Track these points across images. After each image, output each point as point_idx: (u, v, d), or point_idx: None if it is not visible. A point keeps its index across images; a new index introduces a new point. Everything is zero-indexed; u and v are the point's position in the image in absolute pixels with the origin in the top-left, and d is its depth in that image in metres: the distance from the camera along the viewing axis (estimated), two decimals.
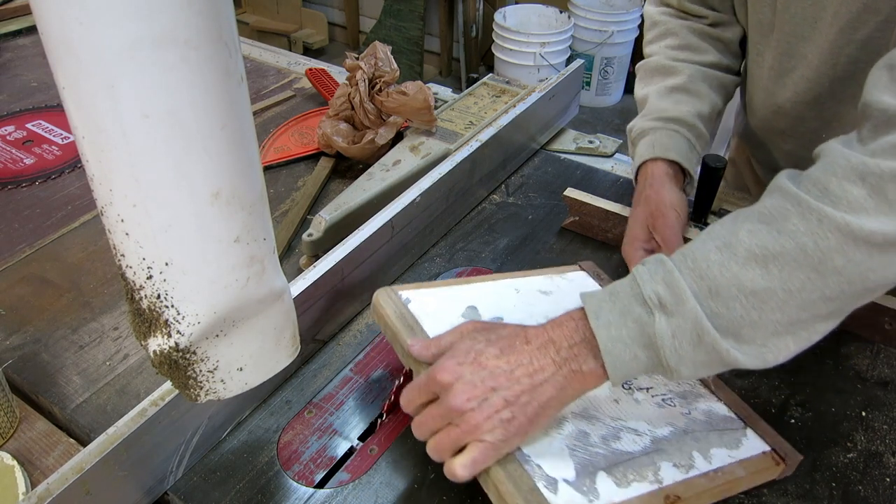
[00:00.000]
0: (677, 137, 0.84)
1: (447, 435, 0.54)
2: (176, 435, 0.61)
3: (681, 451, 0.61)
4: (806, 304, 0.51)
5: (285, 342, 0.58)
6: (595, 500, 0.55)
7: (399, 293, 0.70)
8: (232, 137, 0.44)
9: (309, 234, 0.87)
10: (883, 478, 0.64)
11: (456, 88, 1.43)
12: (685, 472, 0.59)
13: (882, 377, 0.74)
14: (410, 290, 0.71)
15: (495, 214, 0.99)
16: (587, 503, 0.55)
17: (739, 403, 0.68)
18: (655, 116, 0.86)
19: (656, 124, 0.85)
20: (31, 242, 0.93)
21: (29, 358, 0.77)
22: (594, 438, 0.61)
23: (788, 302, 0.51)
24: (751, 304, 0.51)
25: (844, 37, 0.72)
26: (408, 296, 0.70)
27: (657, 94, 0.88)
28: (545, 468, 0.56)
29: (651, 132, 0.85)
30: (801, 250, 0.50)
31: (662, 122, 0.85)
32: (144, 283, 0.47)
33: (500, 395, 0.53)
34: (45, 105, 1.26)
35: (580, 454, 0.59)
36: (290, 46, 3.79)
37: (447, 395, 0.54)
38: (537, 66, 3.06)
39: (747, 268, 0.51)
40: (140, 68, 0.39)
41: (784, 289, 0.51)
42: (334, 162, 1.08)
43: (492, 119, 1.08)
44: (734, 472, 0.60)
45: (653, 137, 0.85)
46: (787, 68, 0.80)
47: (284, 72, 1.39)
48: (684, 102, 0.86)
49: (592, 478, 0.57)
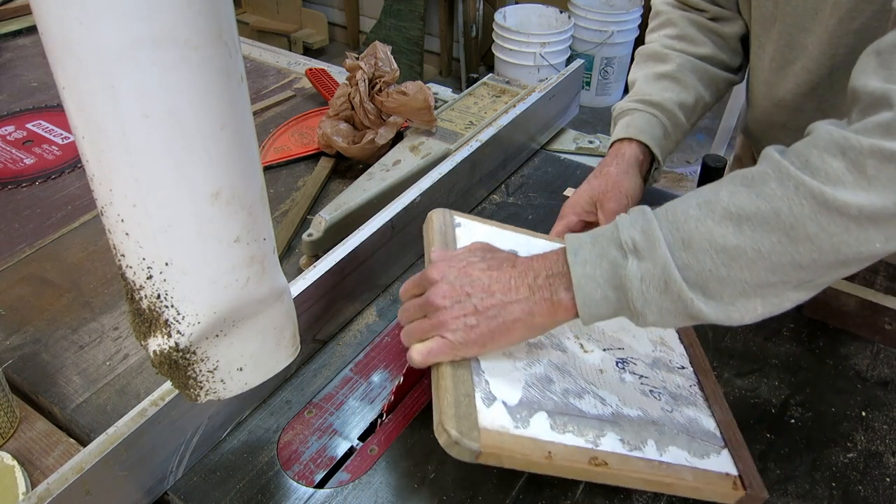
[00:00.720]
0: (654, 122, 0.87)
1: (419, 325, 0.61)
2: (176, 435, 0.61)
3: (637, 433, 0.61)
4: (776, 267, 0.52)
5: (285, 342, 0.58)
6: (522, 428, 0.56)
7: (454, 216, 0.74)
8: (232, 137, 0.44)
9: (309, 234, 0.87)
10: (883, 478, 0.64)
11: (456, 88, 1.43)
12: (628, 450, 0.59)
13: (882, 377, 0.74)
14: (465, 218, 0.74)
15: (495, 214, 0.99)
16: (513, 427, 0.56)
17: (731, 426, 0.66)
18: (638, 99, 0.89)
19: (637, 106, 0.88)
20: (31, 242, 0.93)
21: (29, 358, 0.77)
22: (556, 387, 0.61)
23: (757, 262, 0.52)
24: (721, 259, 0.52)
25: (843, 27, 0.73)
26: (460, 220, 0.73)
27: (645, 79, 0.91)
28: (491, 385, 0.58)
29: (630, 113, 0.88)
30: (774, 213, 0.51)
31: (643, 104, 0.88)
32: (144, 283, 0.47)
33: (472, 301, 0.58)
34: (45, 105, 1.26)
35: (533, 391, 0.60)
36: (290, 46, 3.79)
37: (430, 290, 0.60)
38: (537, 66, 3.06)
39: (721, 225, 0.52)
40: (140, 68, 0.39)
41: (754, 248, 0.52)
42: (334, 162, 1.08)
43: (492, 119, 1.08)
44: (680, 473, 0.59)
45: (630, 118, 0.87)
46: (789, 60, 0.81)
47: (284, 72, 1.39)
48: (669, 90, 0.88)
49: (531, 412, 0.58)
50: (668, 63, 0.90)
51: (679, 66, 0.89)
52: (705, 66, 0.90)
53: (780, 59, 0.82)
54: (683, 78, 0.89)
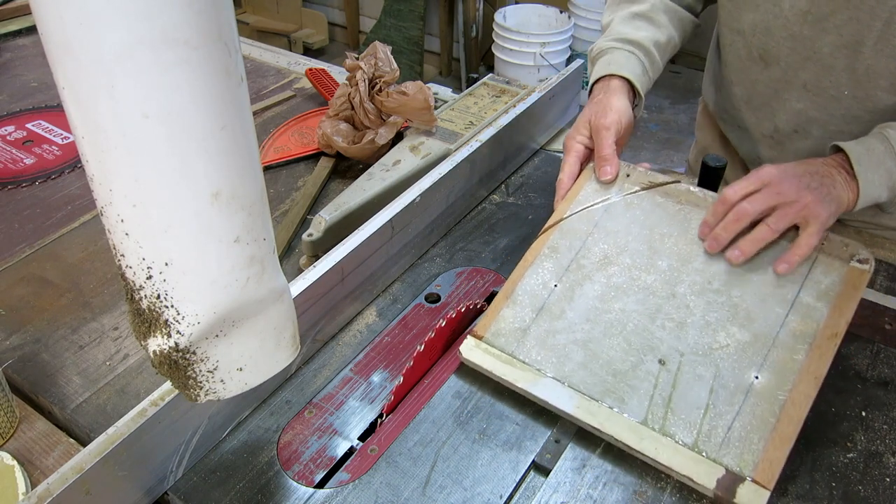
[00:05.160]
0: (633, 58, 0.90)
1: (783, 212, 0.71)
2: (176, 435, 0.61)
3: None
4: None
5: (285, 342, 0.58)
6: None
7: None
8: (232, 137, 0.44)
9: (309, 234, 0.87)
10: (883, 478, 0.64)
11: (456, 88, 1.43)
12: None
13: (882, 377, 0.74)
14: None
15: (495, 214, 0.99)
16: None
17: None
18: (615, 38, 0.92)
19: (615, 44, 0.91)
20: (31, 242, 0.93)
21: (29, 358, 0.77)
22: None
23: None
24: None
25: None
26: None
27: (621, 20, 0.95)
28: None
29: (609, 52, 0.92)
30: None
31: (621, 42, 0.91)
32: (144, 283, 0.47)
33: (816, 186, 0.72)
34: (45, 105, 1.26)
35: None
36: (290, 46, 3.79)
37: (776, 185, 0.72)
38: (537, 66, 3.06)
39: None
40: (140, 68, 0.39)
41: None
42: (334, 162, 1.08)
43: (492, 119, 1.08)
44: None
45: (610, 56, 0.91)
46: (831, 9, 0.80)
47: (284, 72, 1.39)
48: (644, 29, 0.93)
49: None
50: (642, 3, 0.95)
51: (652, 6, 0.94)
52: (675, 7, 0.96)
53: (818, 12, 0.81)
54: (657, 18, 0.94)
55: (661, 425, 0.65)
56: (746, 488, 0.60)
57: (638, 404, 0.66)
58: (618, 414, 0.66)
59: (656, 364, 0.68)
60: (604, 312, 0.72)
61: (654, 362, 0.68)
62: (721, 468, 0.61)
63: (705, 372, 0.67)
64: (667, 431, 0.64)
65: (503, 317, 0.74)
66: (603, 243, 0.78)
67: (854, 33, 0.79)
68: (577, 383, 0.68)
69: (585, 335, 0.71)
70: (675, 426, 0.64)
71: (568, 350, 0.71)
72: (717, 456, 0.62)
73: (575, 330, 0.72)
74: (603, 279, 0.75)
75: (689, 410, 0.65)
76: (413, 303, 0.83)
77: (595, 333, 0.71)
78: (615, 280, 0.74)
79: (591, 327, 0.72)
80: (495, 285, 0.86)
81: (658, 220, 0.78)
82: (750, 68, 0.92)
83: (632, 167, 0.82)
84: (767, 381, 0.66)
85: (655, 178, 0.81)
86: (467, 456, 0.66)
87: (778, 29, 0.85)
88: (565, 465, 0.65)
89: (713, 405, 0.65)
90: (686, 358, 0.68)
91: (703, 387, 0.66)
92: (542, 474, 0.65)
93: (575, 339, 0.71)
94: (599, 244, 0.78)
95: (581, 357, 0.70)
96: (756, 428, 0.63)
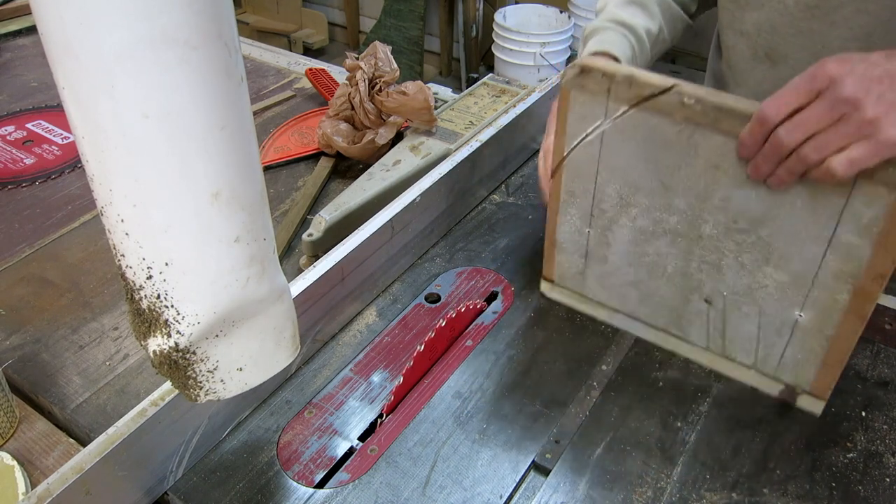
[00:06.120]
0: (624, 41, 0.91)
1: (834, 131, 0.53)
2: (176, 435, 0.61)
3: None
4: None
5: (285, 342, 0.58)
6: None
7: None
8: (232, 137, 0.44)
9: (309, 234, 0.87)
10: (883, 478, 0.64)
11: (456, 88, 1.43)
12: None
13: (882, 377, 0.74)
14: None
15: (495, 214, 0.99)
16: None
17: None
18: (609, 19, 0.93)
19: (608, 24, 0.92)
20: (31, 242, 0.93)
21: (29, 358, 0.77)
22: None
23: None
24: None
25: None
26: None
27: (616, 4, 0.95)
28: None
29: (602, 31, 0.92)
30: None
31: (615, 23, 0.92)
32: (144, 283, 0.47)
33: (886, 103, 0.51)
34: (45, 105, 1.26)
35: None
36: (290, 46, 3.78)
37: (834, 88, 0.52)
38: (537, 66, 3.06)
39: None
40: (140, 68, 0.39)
41: None
42: (334, 162, 1.08)
43: (492, 119, 1.08)
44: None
45: (603, 35, 0.91)
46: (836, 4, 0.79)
47: (284, 72, 1.39)
48: (638, 15, 0.93)
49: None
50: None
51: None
52: (669, 2, 0.96)
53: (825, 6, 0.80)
54: (651, 7, 0.94)
55: (721, 351, 0.73)
56: (805, 399, 0.70)
57: (697, 335, 0.74)
58: (685, 341, 0.75)
59: (703, 303, 0.72)
60: (641, 255, 0.74)
61: (700, 302, 0.72)
62: (781, 384, 0.71)
63: (750, 311, 0.69)
64: (728, 356, 0.73)
65: (560, 263, 0.80)
66: (614, 183, 0.72)
67: (863, 25, 0.78)
68: (643, 317, 0.77)
69: (633, 277, 0.75)
70: (734, 352, 0.73)
71: (624, 290, 0.77)
72: (776, 375, 0.71)
73: (622, 273, 0.76)
74: (628, 223, 0.73)
75: (743, 341, 0.71)
76: (413, 303, 0.83)
77: (641, 275, 0.75)
78: (640, 223, 0.72)
79: (635, 271, 0.75)
80: (495, 285, 0.86)
81: (660, 149, 0.67)
82: (755, 69, 0.91)
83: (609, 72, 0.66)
84: (811, 319, 0.66)
85: (641, 90, 0.65)
86: (467, 456, 0.66)
87: (784, 26, 0.84)
88: (565, 465, 0.65)
89: (763, 338, 0.70)
90: (729, 298, 0.70)
91: (751, 322, 0.70)
92: (542, 474, 0.65)
93: (626, 281, 0.76)
94: (610, 184, 0.72)
95: (637, 296, 0.76)
96: (806, 356, 0.68)
